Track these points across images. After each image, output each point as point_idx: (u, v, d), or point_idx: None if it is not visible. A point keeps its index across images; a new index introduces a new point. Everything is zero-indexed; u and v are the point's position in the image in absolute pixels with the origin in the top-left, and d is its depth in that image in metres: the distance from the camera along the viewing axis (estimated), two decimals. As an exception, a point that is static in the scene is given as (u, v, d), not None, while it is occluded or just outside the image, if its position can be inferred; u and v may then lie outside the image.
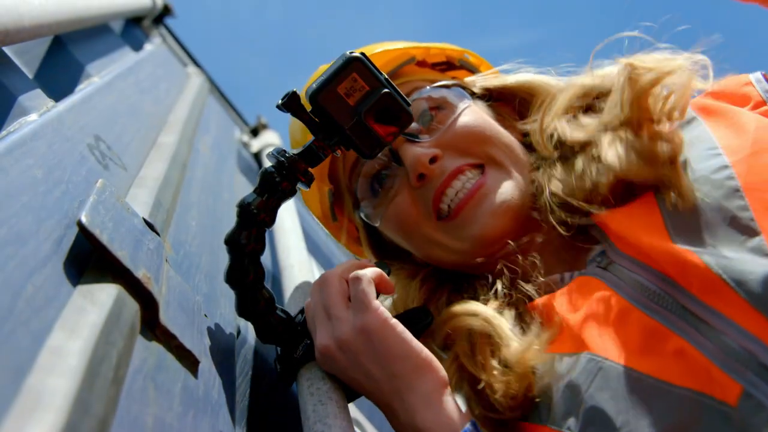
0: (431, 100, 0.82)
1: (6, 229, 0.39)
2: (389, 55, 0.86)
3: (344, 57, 0.63)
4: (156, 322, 0.48)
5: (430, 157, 0.77)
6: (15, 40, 0.65)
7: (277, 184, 0.64)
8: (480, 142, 0.79)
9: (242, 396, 0.65)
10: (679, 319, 0.56)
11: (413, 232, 0.81)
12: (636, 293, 0.60)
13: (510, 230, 0.75)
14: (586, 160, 0.72)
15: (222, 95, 2.14)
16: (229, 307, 0.74)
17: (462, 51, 0.93)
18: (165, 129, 1.00)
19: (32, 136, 0.52)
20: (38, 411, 0.31)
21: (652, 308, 0.58)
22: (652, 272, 0.60)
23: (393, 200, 0.81)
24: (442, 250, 0.80)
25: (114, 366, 0.38)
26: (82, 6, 0.92)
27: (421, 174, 0.77)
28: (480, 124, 0.80)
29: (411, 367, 0.62)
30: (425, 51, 0.90)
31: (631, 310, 0.59)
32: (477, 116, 0.81)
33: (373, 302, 0.63)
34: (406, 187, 0.80)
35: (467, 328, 0.70)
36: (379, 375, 0.62)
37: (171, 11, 1.85)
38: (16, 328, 0.34)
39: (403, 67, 0.87)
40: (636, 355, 0.57)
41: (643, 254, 0.62)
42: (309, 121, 0.64)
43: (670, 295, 0.58)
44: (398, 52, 0.87)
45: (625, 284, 0.62)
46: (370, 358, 0.62)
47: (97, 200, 0.50)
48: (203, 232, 0.83)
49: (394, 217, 0.81)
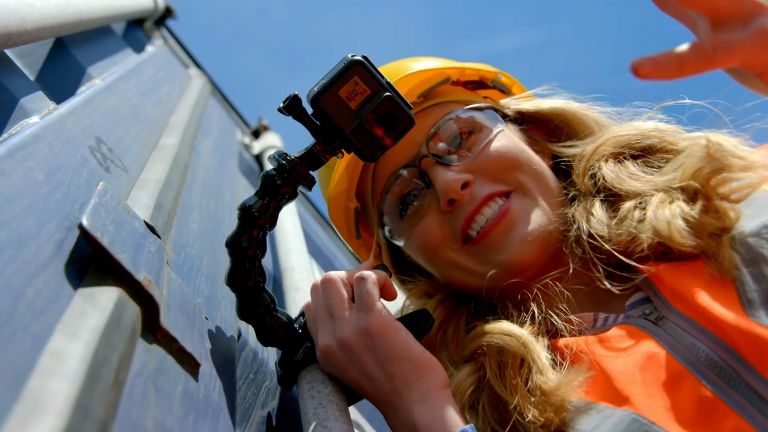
0: (464, 122, 0.82)
1: (7, 232, 0.39)
2: (425, 75, 0.86)
3: (346, 60, 0.63)
4: (157, 325, 0.48)
5: (462, 183, 0.76)
6: (17, 43, 0.65)
7: (279, 187, 0.64)
8: (511, 168, 0.78)
9: (243, 399, 0.65)
10: (741, 397, 0.52)
11: (438, 254, 0.81)
12: (693, 358, 0.57)
13: (538, 260, 0.75)
14: (631, 210, 0.70)
15: (223, 97, 2.14)
16: (230, 309, 0.74)
17: (495, 71, 0.93)
18: (166, 131, 1.00)
19: (34, 138, 0.52)
20: (39, 414, 0.30)
21: (711, 379, 0.55)
22: (714, 340, 0.57)
23: (420, 222, 0.81)
24: (465, 274, 0.80)
25: (114, 369, 0.37)
26: (84, 8, 0.92)
27: (451, 199, 0.77)
28: (512, 150, 0.80)
29: (412, 368, 0.62)
30: (460, 71, 0.90)
31: (686, 375, 0.56)
32: (510, 141, 0.81)
33: (377, 304, 0.63)
34: (435, 210, 0.80)
35: (500, 346, 0.69)
36: (380, 375, 0.62)
37: (173, 13, 1.85)
38: (17, 331, 0.34)
39: (438, 87, 0.87)
40: (689, 427, 0.53)
41: (705, 318, 0.58)
42: (310, 124, 0.64)
43: (734, 369, 0.54)
44: (434, 72, 0.87)
45: (680, 346, 0.58)
46: (372, 359, 0.62)
47: (99, 203, 0.50)
48: (204, 235, 0.83)
49: (420, 239, 0.81)
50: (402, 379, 0.62)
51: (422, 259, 0.84)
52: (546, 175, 0.80)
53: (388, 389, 0.62)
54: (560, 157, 0.83)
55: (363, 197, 0.89)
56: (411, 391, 0.61)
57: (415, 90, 0.84)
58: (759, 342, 0.53)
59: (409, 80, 0.84)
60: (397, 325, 0.63)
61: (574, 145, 0.82)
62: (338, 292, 0.66)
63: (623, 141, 0.77)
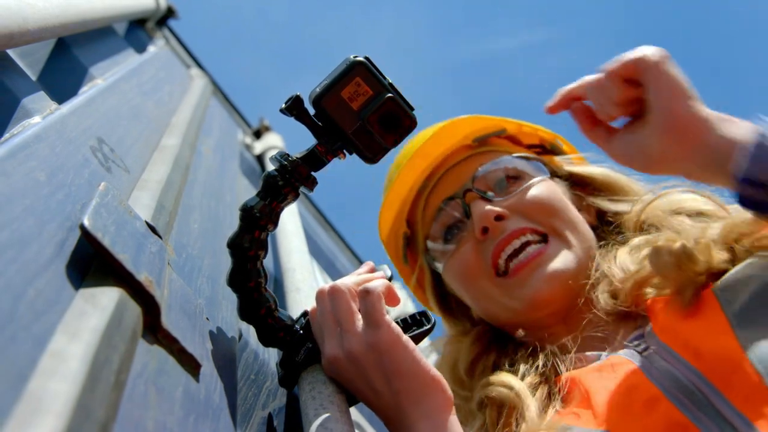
0: (510, 169, 0.88)
1: (9, 232, 0.39)
2: (482, 123, 0.93)
3: (348, 61, 0.63)
4: (158, 325, 0.48)
5: (496, 215, 0.82)
6: (19, 43, 0.65)
7: (280, 188, 0.64)
8: (547, 213, 0.83)
9: (243, 400, 0.65)
10: (710, 420, 0.56)
11: (471, 282, 0.86)
12: (668, 384, 0.61)
13: (559, 298, 0.79)
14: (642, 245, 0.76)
15: (225, 97, 2.14)
16: (231, 310, 0.74)
17: (555, 135, 0.98)
18: (168, 131, 1.00)
19: (35, 138, 0.52)
20: (39, 415, 0.30)
21: (684, 403, 0.58)
22: (688, 367, 0.61)
23: (459, 249, 0.87)
24: (497, 306, 0.84)
25: (115, 370, 0.37)
26: (86, 8, 0.92)
27: (485, 228, 0.83)
28: (550, 197, 0.85)
29: (418, 385, 0.62)
30: (517, 127, 0.96)
31: (661, 399, 0.60)
32: (550, 189, 0.86)
33: (385, 319, 0.63)
34: (472, 240, 0.85)
35: (499, 398, 0.74)
36: (386, 390, 0.62)
37: (174, 13, 1.85)
38: (18, 331, 0.34)
39: (493, 137, 0.94)
40: None
41: (684, 347, 0.62)
42: (312, 125, 0.64)
43: (703, 394, 0.58)
44: (492, 121, 0.94)
45: (658, 372, 0.63)
46: (379, 374, 0.62)
47: (100, 203, 0.50)
48: (205, 235, 0.83)
49: (457, 266, 0.87)
50: (407, 396, 0.62)
51: (458, 285, 0.90)
52: (580, 224, 0.84)
53: (393, 404, 0.62)
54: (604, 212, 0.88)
55: (413, 223, 0.96)
56: (416, 407, 0.62)
57: (471, 135, 0.92)
58: (725, 366, 0.57)
59: (466, 124, 0.92)
60: (405, 340, 0.63)
61: (621, 200, 0.87)
62: (347, 304, 0.65)
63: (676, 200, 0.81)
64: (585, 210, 0.89)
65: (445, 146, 0.91)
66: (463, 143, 0.92)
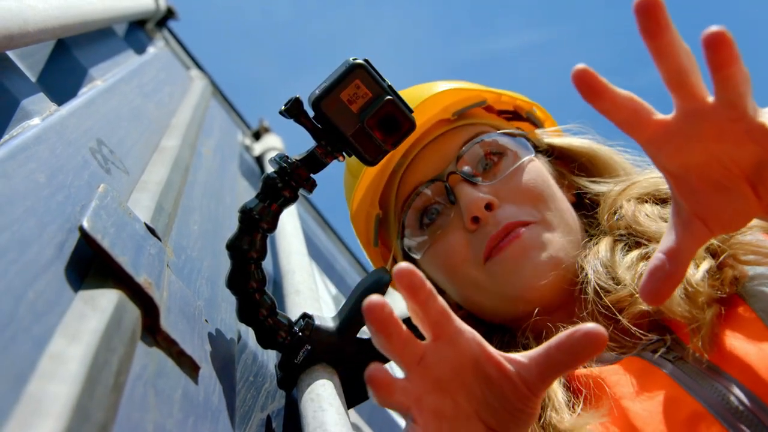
0: (494, 146, 0.82)
1: (8, 235, 0.39)
2: (462, 94, 0.86)
3: (347, 63, 0.63)
4: (157, 327, 0.48)
5: (486, 203, 0.77)
6: (19, 45, 0.65)
7: (279, 190, 0.64)
8: (536, 201, 0.78)
9: (242, 402, 0.65)
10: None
11: (458, 272, 0.80)
12: (717, 404, 0.55)
13: (550, 292, 0.74)
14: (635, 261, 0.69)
15: (224, 98, 2.14)
16: (230, 312, 0.74)
17: (531, 103, 0.93)
18: (167, 132, 1.00)
19: (35, 140, 0.52)
20: (38, 418, 0.30)
21: (736, 426, 0.53)
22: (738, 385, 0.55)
23: (444, 238, 0.80)
24: (483, 294, 0.79)
25: (114, 372, 0.37)
26: (86, 10, 0.92)
27: (475, 217, 0.77)
28: (539, 185, 0.80)
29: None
30: (497, 96, 0.90)
31: (711, 422, 0.54)
32: (537, 174, 0.81)
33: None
34: (460, 228, 0.79)
35: None
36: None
37: (174, 14, 1.85)
38: (17, 334, 0.34)
39: (472, 108, 0.87)
40: None
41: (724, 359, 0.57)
42: (311, 127, 0.64)
43: (757, 416, 0.53)
44: (471, 92, 0.87)
45: (703, 390, 0.57)
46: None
47: (99, 205, 0.50)
48: (205, 237, 0.83)
49: (443, 255, 0.81)
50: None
51: (441, 275, 0.84)
52: (567, 211, 0.80)
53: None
54: (584, 193, 0.84)
55: (386, 206, 0.89)
56: None
57: (451, 107, 0.85)
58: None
59: (446, 97, 0.85)
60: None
61: (603, 181, 0.82)
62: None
63: (653, 183, 0.76)
64: (566, 188, 0.84)
65: (423, 120, 0.82)
66: (443, 116, 0.84)
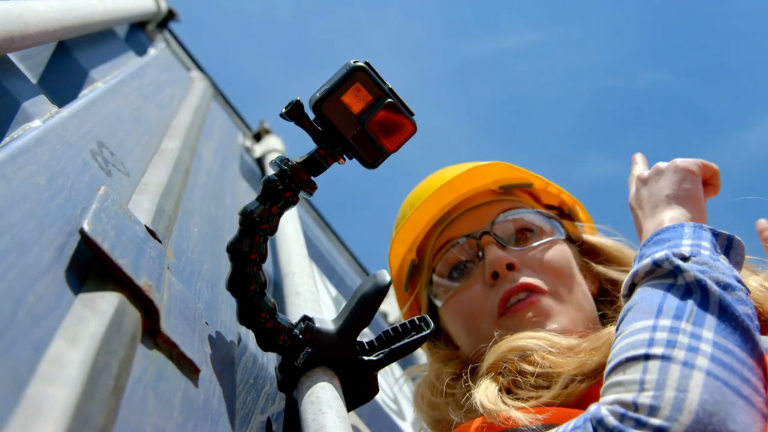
0: (530, 222, 0.91)
1: (9, 237, 0.39)
2: (513, 173, 0.96)
3: (348, 66, 0.63)
4: (157, 330, 0.48)
5: (508, 263, 0.84)
6: (20, 47, 0.65)
7: (280, 192, 0.64)
8: (555, 274, 0.85)
9: (242, 404, 0.65)
10: None
11: (474, 322, 0.86)
12: None
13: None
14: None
15: (225, 100, 2.14)
16: (230, 314, 0.74)
17: (575, 201, 1.01)
18: (168, 134, 1.00)
19: (35, 142, 0.52)
20: (38, 421, 0.30)
21: None
22: None
23: (466, 289, 0.88)
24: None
25: (114, 376, 0.37)
26: (87, 12, 0.92)
27: (495, 273, 0.84)
28: (562, 262, 0.87)
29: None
30: (544, 184, 0.99)
31: None
32: (563, 254, 0.88)
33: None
34: (480, 282, 0.87)
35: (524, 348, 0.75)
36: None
37: (175, 16, 1.85)
38: (17, 337, 0.34)
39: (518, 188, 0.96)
40: None
41: None
42: (312, 129, 0.64)
43: None
44: (522, 173, 0.96)
45: None
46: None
47: (100, 208, 0.50)
48: (205, 239, 0.83)
49: (463, 305, 0.88)
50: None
51: (458, 324, 0.90)
52: (582, 294, 0.87)
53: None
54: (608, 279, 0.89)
55: (422, 254, 0.97)
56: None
57: (499, 181, 0.95)
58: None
59: (497, 170, 0.94)
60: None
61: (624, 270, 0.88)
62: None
63: None
64: (590, 279, 0.91)
65: (473, 185, 0.93)
66: (490, 187, 0.95)
